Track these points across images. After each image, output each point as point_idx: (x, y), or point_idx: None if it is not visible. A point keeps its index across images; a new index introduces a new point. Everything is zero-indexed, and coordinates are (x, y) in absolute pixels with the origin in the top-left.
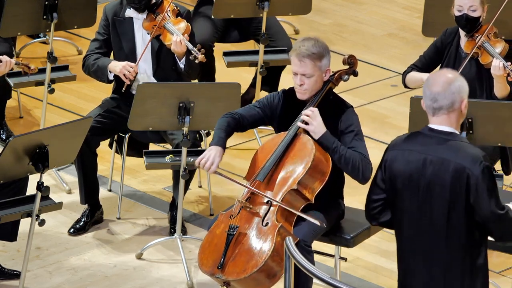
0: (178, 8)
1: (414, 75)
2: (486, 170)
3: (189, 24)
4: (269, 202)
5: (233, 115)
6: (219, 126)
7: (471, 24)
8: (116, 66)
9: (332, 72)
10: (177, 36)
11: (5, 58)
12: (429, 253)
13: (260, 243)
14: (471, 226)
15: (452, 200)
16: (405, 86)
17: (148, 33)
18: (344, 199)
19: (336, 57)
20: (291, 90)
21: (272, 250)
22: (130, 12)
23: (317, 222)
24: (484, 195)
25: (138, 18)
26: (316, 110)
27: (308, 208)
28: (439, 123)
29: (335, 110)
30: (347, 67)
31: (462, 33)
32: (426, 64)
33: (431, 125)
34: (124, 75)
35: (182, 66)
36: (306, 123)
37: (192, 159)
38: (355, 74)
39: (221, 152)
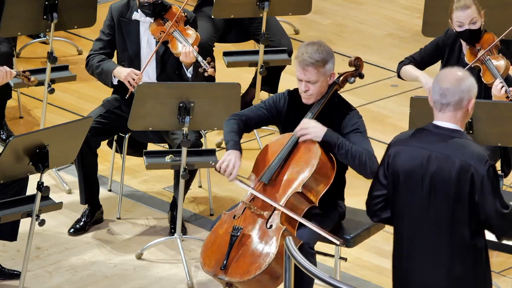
0: (186, 14)
1: (410, 70)
2: (491, 169)
3: (198, 34)
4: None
5: (240, 117)
6: (231, 129)
7: (474, 37)
8: (121, 73)
9: (338, 74)
10: (186, 46)
11: (5, 68)
12: (430, 249)
13: (264, 246)
14: (474, 223)
15: (456, 197)
16: (398, 76)
17: (154, 38)
18: (344, 200)
19: (336, 56)
20: (296, 91)
21: (276, 253)
22: (137, 15)
23: (319, 230)
24: (489, 194)
25: (145, 22)
26: (305, 120)
27: (310, 211)
28: (445, 120)
29: (339, 113)
30: (353, 69)
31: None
32: (424, 59)
33: (436, 122)
34: (128, 82)
35: (189, 75)
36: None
37: (212, 163)
38: (361, 76)
39: (240, 156)
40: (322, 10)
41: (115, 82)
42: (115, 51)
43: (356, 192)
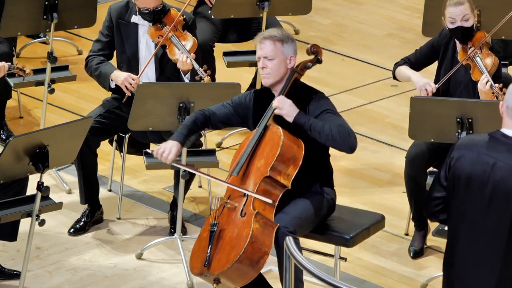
0: (184, 17)
1: (404, 71)
2: None
3: (196, 40)
4: (246, 194)
5: (203, 112)
6: (185, 122)
7: (466, 34)
8: (118, 77)
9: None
10: (183, 54)
11: None
12: (485, 258)
13: (239, 233)
14: None
15: None
16: (394, 77)
17: (153, 41)
18: (334, 188)
19: (336, 56)
20: (263, 89)
21: (250, 236)
22: (136, 19)
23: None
24: None
25: (143, 25)
26: (282, 96)
27: (291, 196)
28: None
29: (303, 99)
30: (312, 56)
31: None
32: (419, 60)
33: (504, 131)
34: (125, 86)
35: (187, 81)
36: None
37: (150, 150)
38: (320, 61)
39: (178, 146)
40: (322, 10)
41: (112, 86)
42: (114, 52)
43: (356, 192)
